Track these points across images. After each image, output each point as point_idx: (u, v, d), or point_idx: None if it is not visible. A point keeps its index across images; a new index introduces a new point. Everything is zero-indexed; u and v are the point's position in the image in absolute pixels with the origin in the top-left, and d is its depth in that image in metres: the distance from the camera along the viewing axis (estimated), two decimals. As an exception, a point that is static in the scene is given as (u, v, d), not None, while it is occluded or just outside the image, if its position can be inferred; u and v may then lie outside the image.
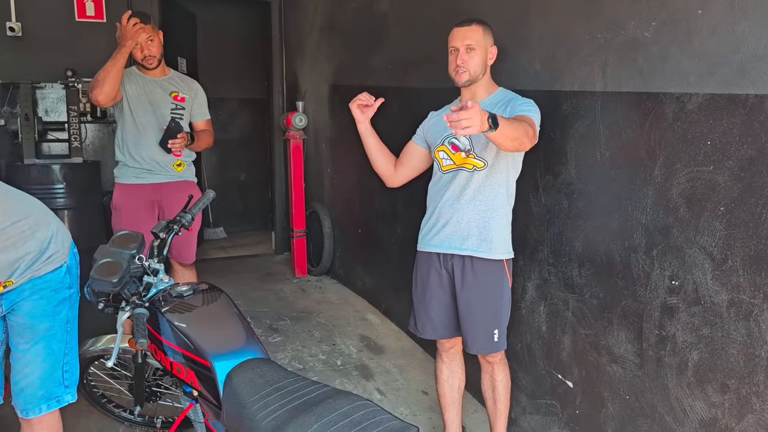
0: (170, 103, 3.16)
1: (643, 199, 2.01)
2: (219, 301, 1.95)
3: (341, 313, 4.02)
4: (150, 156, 3.11)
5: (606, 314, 2.21)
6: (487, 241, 2.20)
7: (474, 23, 2.21)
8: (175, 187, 3.18)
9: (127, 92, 3.06)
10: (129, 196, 3.12)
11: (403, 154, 2.47)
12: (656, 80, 1.95)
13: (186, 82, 3.29)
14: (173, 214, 3.00)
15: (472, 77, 2.21)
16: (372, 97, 2.32)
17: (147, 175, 3.13)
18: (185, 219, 2.17)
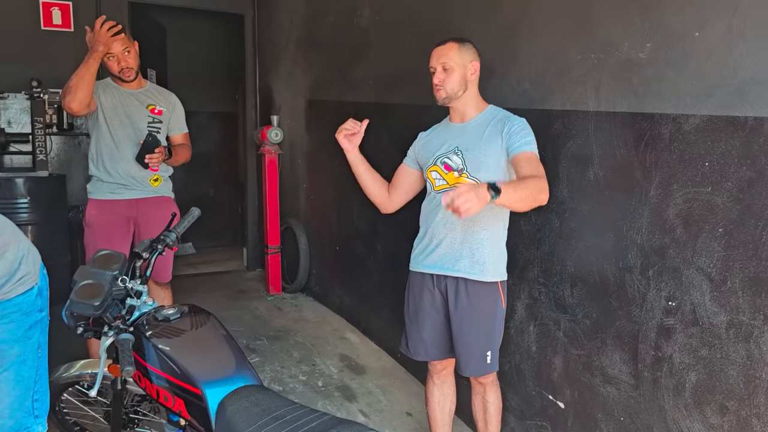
0: (147, 116, 3.06)
1: (639, 219, 2.01)
2: (208, 325, 1.86)
3: (319, 332, 3.94)
4: (126, 171, 2.99)
5: (599, 334, 2.19)
6: (479, 263, 2.17)
7: (450, 41, 2.21)
8: (152, 203, 3.07)
9: (103, 104, 2.95)
10: (103, 212, 2.99)
11: (395, 178, 2.43)
12: (652, 101, 1.96)
13: (163, 94, 3.19)
14: (149, 230, 3.02)
15: (449, 95, 2.19)
16: (358, 123, 2.27)
17: (122, 191, 3.02)
18: (169, 238, 2.07)
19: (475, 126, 2.21)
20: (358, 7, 3.70)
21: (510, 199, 1.84)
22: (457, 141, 2.21)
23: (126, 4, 4.91)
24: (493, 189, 1.76)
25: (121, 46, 2.87)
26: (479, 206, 1.72)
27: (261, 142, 4.72)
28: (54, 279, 1.89)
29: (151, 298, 1.95)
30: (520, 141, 2.09)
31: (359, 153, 2.34)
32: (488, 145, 2.14)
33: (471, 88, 2.22)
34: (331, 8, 4.10)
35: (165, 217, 2.78)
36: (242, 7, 5.43)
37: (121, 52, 2.89)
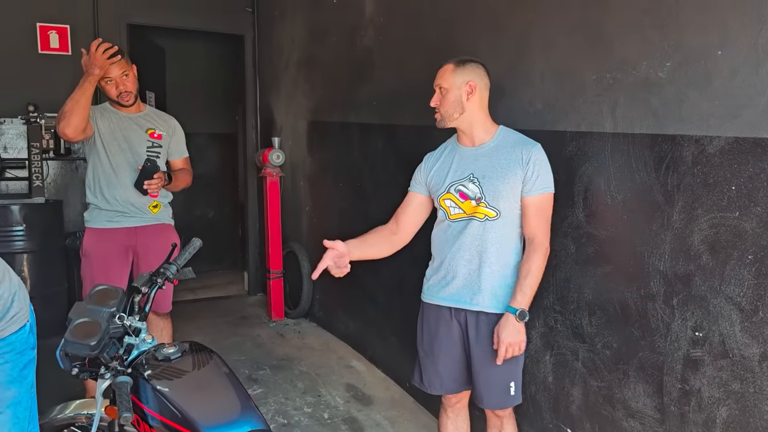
0: (146, 140, 2.97)
1: (661, 245, 1.92)
2: (211, 365, 1.76)
3: (324, 361, 3.82)
4: (124, 197, 2.90)
5: (621, 366, 2.09)
6: (498, 296, 2.08)
7: (448, 62, 2.15)
8: (151, 230, 2.97)
9: (100, 129, 2.87)
10: (101, 241, 2.89)
11: (406, 207, 2.31)
12: (672, 122, 1.87)
13: (163, 118, 3.11)
14: (149, 260, 2.93)
15: (443, 117, 2.14)
16: (335, 249, 2.17)
17: (121, 219, 2.92)
18: (170, 271, 1.98)
19: (490, 151, 2.13)
20: (361, 27, 3.64)
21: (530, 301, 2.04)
22: (471, 167, 2.13)
23: (125, 26, 4.86)
24: (521, 316, 1.99)
25: (119, 69, 2.81)
26: (524, 339, 2.03)
27: (262, 164, 4.64)
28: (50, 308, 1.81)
29: (151, 335, 1.85)
30: (539, 184, 2.05)
31: (351, 249, 2.22)
32: (506, 174, 2.06)
33: (471, 109, 2.13)
34: (332, 28, 4.04)
35: (165, 246, 2.73)
36: (242, 28, 5.39)
37: (119, 76, 2.83)
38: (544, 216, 2.08)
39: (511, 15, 2.52)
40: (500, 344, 1.98)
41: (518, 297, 2.01)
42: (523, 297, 2.00)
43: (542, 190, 2.06)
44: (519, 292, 2.01)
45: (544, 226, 2.08)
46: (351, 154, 3.87)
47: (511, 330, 1.98)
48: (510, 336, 1.98)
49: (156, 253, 2.85)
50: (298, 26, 4.58)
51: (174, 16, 5.11)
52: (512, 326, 1.98)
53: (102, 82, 2.81)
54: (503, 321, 2.01)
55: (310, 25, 4.40)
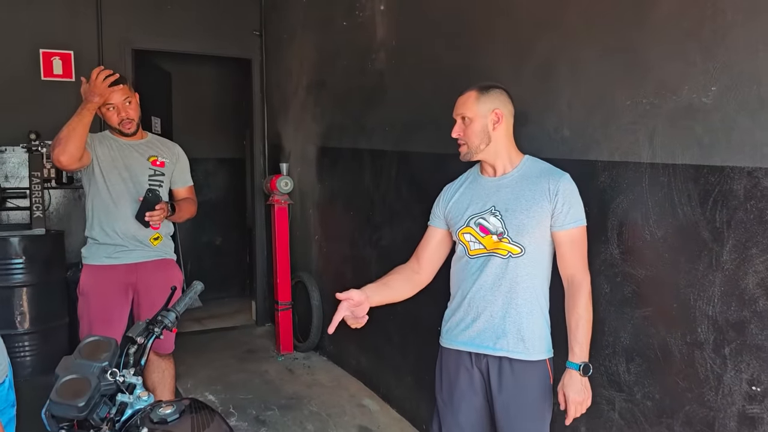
0: (148, 168, 2.83)
1: (709, 287, 1.74)
2: (212, 427, 1.58)
3: (335, 399, 3.62)
4: (124, 230, 2.74)
5: (664, 419, 1.89)
6: (525, 341, 1.89)
7: (470, 90, 1.99)
8: (153, 266, 2.81)
9: (99, 157, 2.74)
10: (100, 279, 2.73)
11: (425, 244, 2.13)
12: (720, 152, 1.70)
13: (166, 145, 2.98)
14: (150, 297, 2.76)
15: (470, 149, 1.97)
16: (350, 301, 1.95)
17: (120, 254, 2.76)
18: (168, 319, 1.81)
19: (512, 182, 1.96)
20: (372, 50, 3.50)
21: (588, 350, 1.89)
22: (492, 199, 1.95)
23: (130, 51, 4.76)
24: (585, 370, 1.84)
25: (121, 96, 2.70)
26: (590, 396, 1.86)
27: (270, 191, 4.49)
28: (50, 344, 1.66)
29: (147, 392, 1.67)
30: (570, 217, 1.87)
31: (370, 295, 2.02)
32: (531, 207, 1.88)
33: (497, 139, 1.96)
34: (343, 52, 3.91)
35: (166, 282, 2.71)
36: (250, 52, 5.28)
37: (121, 103, 2.71)
38: (579, 251, 1.91)
39: (536, 39, 2.36)
40: (569, 404, 1.83)
41: (576, 350, 1.84)
42: (581, 349, 1.84)
43: (575, 223, 1.89)
44: (575, 345, 1.84)
45: (581, 262, 1.91)
46: (362, 182, 3.71)
47: (579, 387, 1.83)
48: (578, 394, 1.82)
49: (157, 290, 2.70)
50: (307, 49, 4.46)
51: (180, 41, 5.01)
52: (579, 383, 1.83)
53: (103, 108, 2.71)
54: (567, 379, 1.85)
55: (319, 48, 4.28)
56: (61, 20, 4.56)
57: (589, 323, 1.87)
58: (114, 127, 2.78)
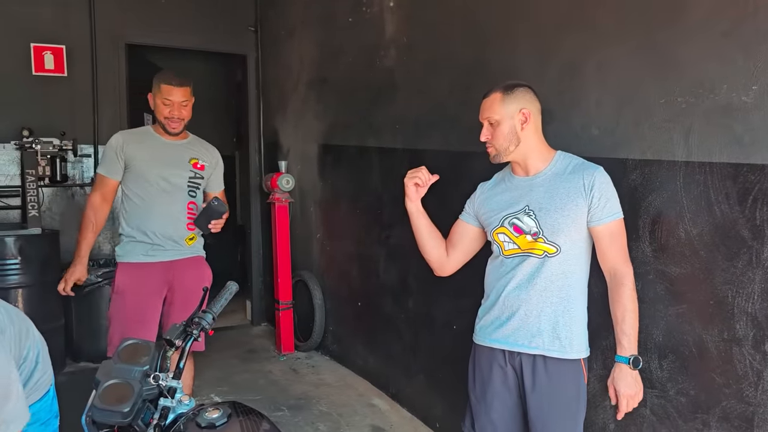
0: (189, 170, 2.81)
1: (749, 284, 1.75)
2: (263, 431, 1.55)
3: (344, 399, 3.59)
4: (162, 230, 2.73)
5: (700, 415, 1.91)
6: (560, 339, 1.90)
7: (494, 92, 1.97)
8: (187, 263, 2.80)
9: (136, 158, 2.72)
10: (137, 277, 2.71)
11: (453, 235, 2.16)
12: (761, 150, 1.72)
13: (207, 148, 2.97)
14: (183, 293, 2.77)
15: (499, 151, 1.97)
16: (430, 177, 2.05)
17: (157, 252, 2.74)
18: (205, 320, 1.77)
19: (546, 181, 1.95)
20: (381, 46, 3.48)
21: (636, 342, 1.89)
22: (526, 199, 1.95)
23: (123, 46, 4.66)
24: (635, 363, 1.84)
25: (181, 97, 2.71)
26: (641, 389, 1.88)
27: (270, 189, 4.43)
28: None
29: (188, 395, 1.63)
30: (608, 210, 1.88)
31: (421, 205, 2.10)
32: (565, 205, 1.88)
33: (526, 138, 1.96)
34: (348, 48, 3.87)
35: (199, 279, 2.81)
36: (245, 47, 5.21)
37: (178, 103, 2.71)
38: (619, 244, 1.91)
39: (560, 37, 2.36)
40: (620, 398, 1.85)
41: (624, 343, 1.85)
42: (629, 342, 1.84)
43: (612, 216, 1.89)
44: (623, 338, 1.85)
45: (622, 255, 1.91)
46: (370, 180, 3.68)
47: (630, 381, 1.84)
48: (629, 388, 1.84)
49: (190, 287, 2.74)
50: (308, 45, 4.41)
51: (174, 36, 4.92)
52: (629, 377, 1.84)
53: (158, 100, 2.70)
54: (618, 373, 1.86)
55: (322, 45, 4.23)
56: (52, 14, 4.44)
57: (636, 315, 1.87)
58: (160, 120, 2.74)
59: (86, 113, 4.50)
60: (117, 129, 4.48)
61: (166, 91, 2.67)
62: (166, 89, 2.68)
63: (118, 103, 4.62)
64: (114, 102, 4.61)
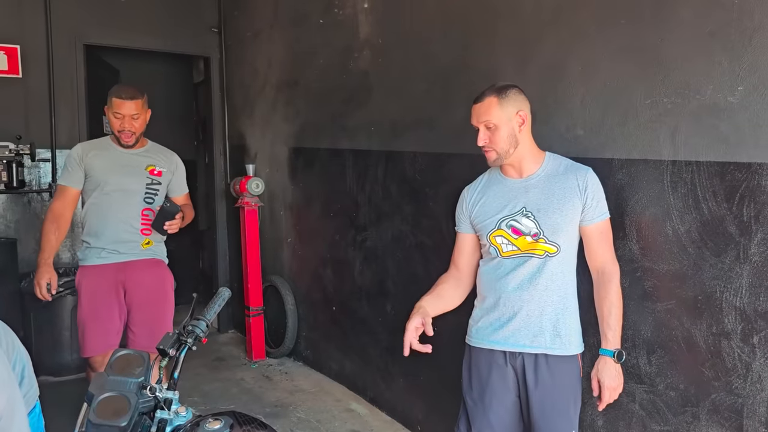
0: (146, 177, 2.89)
1: (737, 279, 1.80)
2: (268, 441, 1.50)
3: (321, 405, 3.54)
4: (115, 236, 2.82)
5: (689, 408, 1.95)
6: (561, 337, 1.93)
7: (487, 96, 1.96)
8: (142, 265, 2.87)
9: (95, 167, 2.82)
10: (93, 278, 2.81)
11: (461, 250, 2.13)
12: (747, 149, 1.77)
13: (164, 154, 3.03)
14: (138, 295, 2.84)
15: (500, 155, 1.96)
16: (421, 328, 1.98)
17: (111, 255, 2.83)
18: (199, 328, 1.71)
19: (540, 182, 1.97)
20: (354, 48, 3.45)
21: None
22: (522, 200, 1.96)
23: (81, 47, 4.48)
24: (619, 357, 1.89)
25: (131, 110, 2.79)
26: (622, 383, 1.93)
27: (239, 193, 4.33)
28: None
29: (185, 407, 1.57)
30: (599, 210, 1.94)
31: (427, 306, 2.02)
32: (563, 206, 1.91)
33: (523, 140, 1.98)
34: (320, 50, 3.83)
35: (155, 280, 2.89)
36: (208, 49, 5.09)
37: (129, 116, 2.79)
38: (608, 243, 1.98)
39: (542, 38, 2.39)
40: (603, 390, 1.89)
41: (609, 337, 1.90)
42: (615, 336, 1.90)
43: (602, 216, 1.96)
44: (609, 332, 1.90)
45: (610, 254, 1.98)
46: (344, 183, 3.64)
47: (614, 374, 1.89)
48: (613, 380, 1.88)
49: (147, 287, 2.86)
50: (276, 47, 4.34)
51: (134, 36, 4.77)
52: (613, 369, 1.89)
53: (110, 113, 2.80)
54: (601, 365, 1.91)
55: (292, 47, 4.17)
56: (5, 12, 4.24)
57: (621, 311, 1.94)
58: (114, 133, 2.85)
59: (42, 116, 4.31)
60: (75, 132, 4.37)
61: (117, 105, 2.77)
62: (116, 103, 2.77)
63: (76, 106, 4.43)
64: (72, 105, 4.42)
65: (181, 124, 6.32)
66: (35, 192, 4.30)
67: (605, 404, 1.93)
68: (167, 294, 2.94)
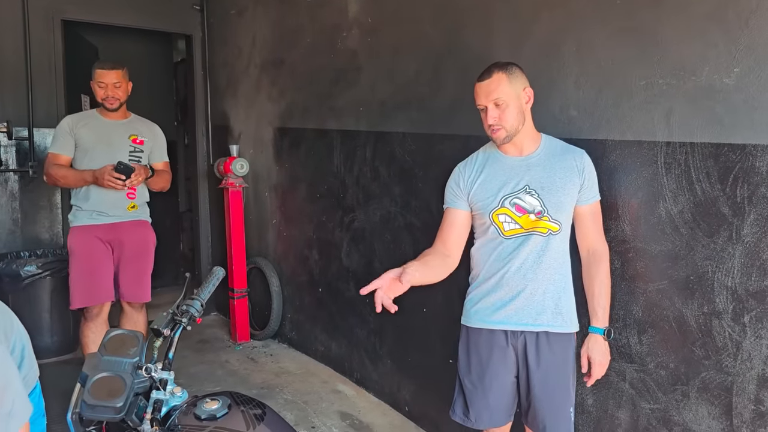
0: (129, 145, 3.18)
1: (729, 259, 1.83)
2: (267, 420, 1.49)
3: (308, 387, 3.53)
4: (103, 200, 3.09)
5: (679, 386, 1.98)
6: (562, 314, 1.96)
7: (495, 72, 1.93)
8: (129, 226, 3.18)
9: (83, 137, 3.10)
10: (84, 237, 3.09)
11: (450, 227, 2.05)
12: (741, 131, 1.78)
13: (147, 125, 3.35)
14: (128, 253, 3.16)
15: (510, 132, 1.94)
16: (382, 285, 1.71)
17: (100, 217, 3.11)
18: (194, 308, 1.69)
19: (542, 160, 1.97)
20: (343, 27, 3.40)
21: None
22: (525, 178, 1.95)
23: (59, 22, 4.35)
24: (609, 335, 1.95)
25: (113, 79, 3.11)
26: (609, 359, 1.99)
27: (223, 174, 4.27)
28: None
29: (180, 387, 1.55)
30: (593, 192, 1.99)
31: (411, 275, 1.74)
32: (566, 185, 1.93)
33: (527, 118, 1.98)
34: (306, 29, 3.77)
35: (141, 239, 3.22)
36: (189, 27, 4.98)
37: (111, 85, 3.11)
38: (599, 223, 2.03)
39: (537, 18, 2.37)
40: (594, 366, 1.94)
41: (599, 315, 1.94)
42: (604, 314, 1.96)
43: (596, 197, 2.00)
44: (599, 310, 1.94)
45: (601, 234, 2.02)
46: (331, 164, 3.61)
47: (603, 350, 1.95)
48: (603, 357, 1.94)
49: (134, 247, 3.19)
50: (261, 26, 4.26)
51: (114, 12, 4.64)
52: (603, 346, 1.95)
53: (95, 84, 3.12)
54: (592, 343, 1.95)
55: (277, 25, 4.10)
56: (-22, -15, 4.09)
57: (609, 290, 1.99)
58: (100, 102, 3.15)
59: (19, 94, 4.18)
60: (54, 111, 4.26)
61: (100, 75, 3.10)
62: (99, 73, 3.11)
63: (54, 84, 4.31)
64: (49, 82, 4.29)
65: (161, 104, 6.19)
66: (12, 171, 4.18)
67: (594, 380, 1.97)
68: (150, 251, 3.27)
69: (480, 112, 1.99)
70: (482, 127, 2.00)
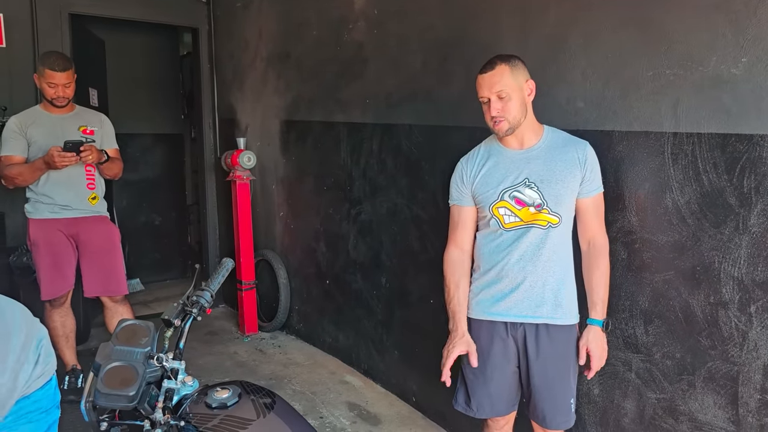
0: (80, 136, 3.20)
1: (735, 250, 1.83)
2: (277, 409, 1.51)
3: (316, 377, 3.56)
4: (65, 194, 3.14)
5: (685, 376, 1.99)
6: (562, 307, 1.96)
7: (498, 64, 1.93)
8: (91, 222, 3.24)
9: (34, 136, 3.12)
10: (47, 230, 3.14)
11: (462, 226, 2.10)
12: (750, 121, 1.78)
13: (94, 115, 3.41)
14: (89, 248, 3.21)
15: (512, 125, 1.95)
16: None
17: (63, 211, 3.16)
18: (203, 298, 1.71)
19: (542, 153, 1.98)
20: (349, 20, 3.40)
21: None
22: (525, 172, 1.96)
23: (66, 16, 4.37)
24: (607, 326, 1.98)
25: (64, 80, 3.12)
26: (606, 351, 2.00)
27: (231, 167, 4.29)
28: None
29: (191, 377, 1.57)
30: (595, 184, 1.98)
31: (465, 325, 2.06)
32: (565, 177, 1.93)
33: (529, 110, 1.99)
34: (312, 22, 3.77)
35: (105, 234, 3.27)
36: (196, 20, 4.99)
37: (62, 86, 3.13)
38: (601, 216, 2.02)
39: (544, 9, 2.37)
40: (593, 359, 1.94)
41: (599, 307, 1.95)
42: (603, 306, 1.96)
43: (598, 189, 2.00)
44: (599, 302, 1.95)
45: (602, 227, 2.03)
46: (337, 156, 3.62)
47: (602, 342, 1.96)
48: (602, 349, 1.96)
49: (98, 243, 3.24)
50: (267, 19, 4.27)
51: (121, 6, 4.65)
52: (602, 338, 1.96)
53: (44, 83, 3.11)
54: (591, 334, 1.95)
55: (283, 18, 4.10)
56: (-13, -21, 4.11)
57: (608, 282, 1.99)
58: (47, 99, 3.17)
59: (27, 87, 4.18)
60: (61, 103, 4.25)
61: (50, 76, 3.08)
62: (49, 74, 3.08)
63: (62, 77, 4.32)
64: (57, 75, 4.30)
65: (167, 97, 6.21)
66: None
67: (594, 372, 1.98)
68: (116, 245, 3.31)
69: (482, 104, 1.99)
70: None
